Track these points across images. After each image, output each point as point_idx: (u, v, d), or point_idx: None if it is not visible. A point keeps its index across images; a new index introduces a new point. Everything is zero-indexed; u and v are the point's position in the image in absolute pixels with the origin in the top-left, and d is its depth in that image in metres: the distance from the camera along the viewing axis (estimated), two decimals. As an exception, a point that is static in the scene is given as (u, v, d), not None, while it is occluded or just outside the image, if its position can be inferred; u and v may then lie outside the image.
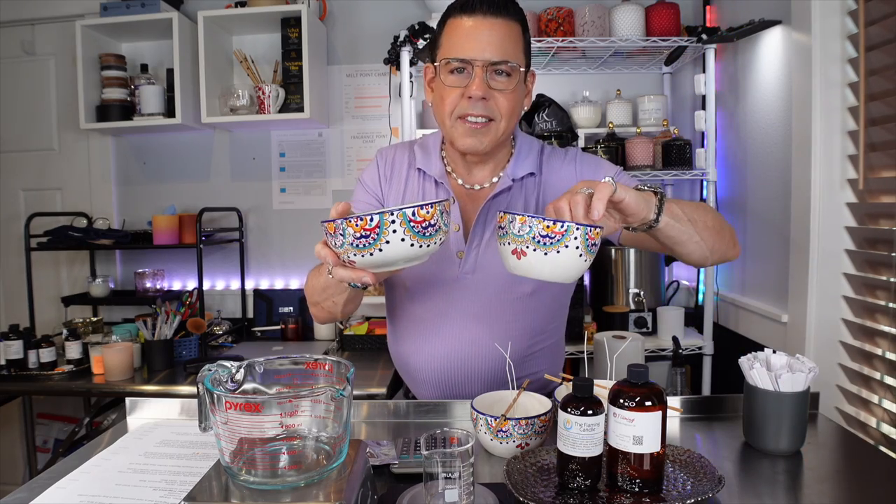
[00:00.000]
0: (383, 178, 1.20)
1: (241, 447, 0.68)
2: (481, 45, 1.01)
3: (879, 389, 1.40)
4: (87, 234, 2.35)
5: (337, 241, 0.78)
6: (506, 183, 1.13)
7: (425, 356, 1.19)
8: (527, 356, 1.19)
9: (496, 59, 1.02)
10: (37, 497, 0.84)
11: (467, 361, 1.17)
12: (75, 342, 2.10)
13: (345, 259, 0.80)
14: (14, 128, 2.66)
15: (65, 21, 2.54)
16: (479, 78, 1.01)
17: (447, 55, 1.04)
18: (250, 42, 2.53)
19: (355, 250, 0.76)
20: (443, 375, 1.19)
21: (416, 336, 1.20)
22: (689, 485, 0.81)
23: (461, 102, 1.04)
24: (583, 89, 2.37)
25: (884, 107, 1.39)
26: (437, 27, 1.09)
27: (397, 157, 1.21)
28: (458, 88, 1.03)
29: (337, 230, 0.77)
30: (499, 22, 1.02)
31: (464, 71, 1.03)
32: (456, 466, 0.70)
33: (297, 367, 0.78)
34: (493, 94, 1.03)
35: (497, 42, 1.02)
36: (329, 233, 0.79)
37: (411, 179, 1.19)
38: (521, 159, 1.16)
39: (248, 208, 2.62)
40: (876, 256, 1.44)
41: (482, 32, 1.01)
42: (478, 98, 1.02)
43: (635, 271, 2.23)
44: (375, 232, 0.75)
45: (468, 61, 1.02)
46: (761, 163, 1.91)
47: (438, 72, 1.06)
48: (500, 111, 1.05)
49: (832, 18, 1.52)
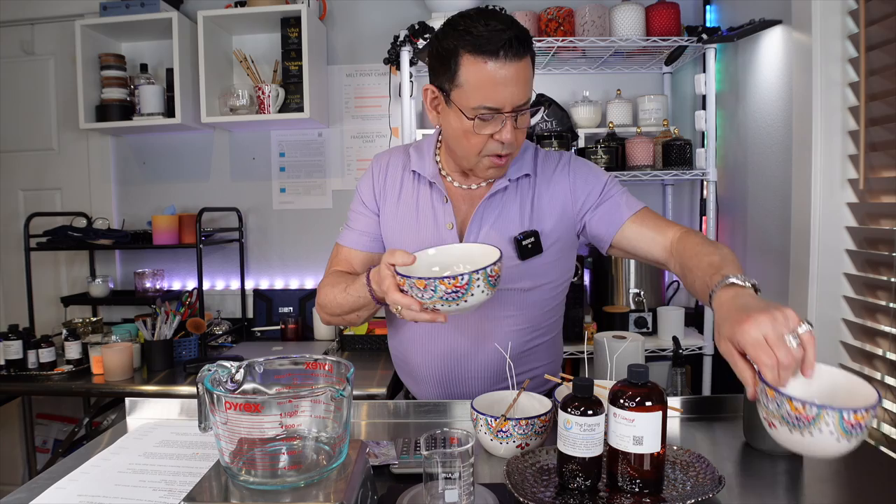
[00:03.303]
0: (378, 186, 1.23)
1: (241, 447, 0.68)
2: (509, 91, 1.01)
3: (880, 389, 1.40)
4: (86, 234, 2.35)
5: (426, 295, 0.89)
6: (502, 183, 1.16)
7: (425, 354, 1.21)
8: (525, 352, 1.20)
9: (523, 104, 1.04)
10: (36, 497, 0.84)
11: (466, 358, 1.18)
12: (75, 342, 2.10)
13: (429, 307, 0.91)
14: (13, 128, 2.66)
15: (64, 21, 2.54)
16: (510, 125, 1.04)
17: (476, 102, 1.02)
18: (250, 42, 2.52)
19: (444, 302, 0.89)
20: (443, 373, 1.20)
21: (415, 335, 1.22)
22: (689, 485, 0.81)
23: (489, 143, 1.06)
24: (583, 89, 2.37)
25: (884, 106, 1.39)
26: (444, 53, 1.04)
27: (391, 162, 1.25)
28: (487, 134, 1.05)
29: (428, 286, 0.88)
30: (523, 63, 1.02)
31: (492, 118, 1.03)
32: (456, 466, 0.70)
33: (297, 368, 0.78)
34: (516, 131, 1.06)
35: (522, 86, 1.03)
36: (418, 287, 0.89)
37: (406, 182, 1.22)
38: (517, 162, 1.18)
39: (247, 208, 2.62)
40: (876, 256, 1.43)
41: (509, 79, 1.00)
42: (510, 142, 1.05)
43: (635, 271, 2.23)
44: (464, 289, 0.88)
45: (499, 110, 1.02)
46: (761, 163, 1.91)
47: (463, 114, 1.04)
48: (519, 143, 1.10)
49: (832, 18, 1.52)
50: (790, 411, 0.67)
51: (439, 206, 1.18)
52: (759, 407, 0.72)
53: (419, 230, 1.18)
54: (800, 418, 0.66)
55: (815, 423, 0.66)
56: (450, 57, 1.03)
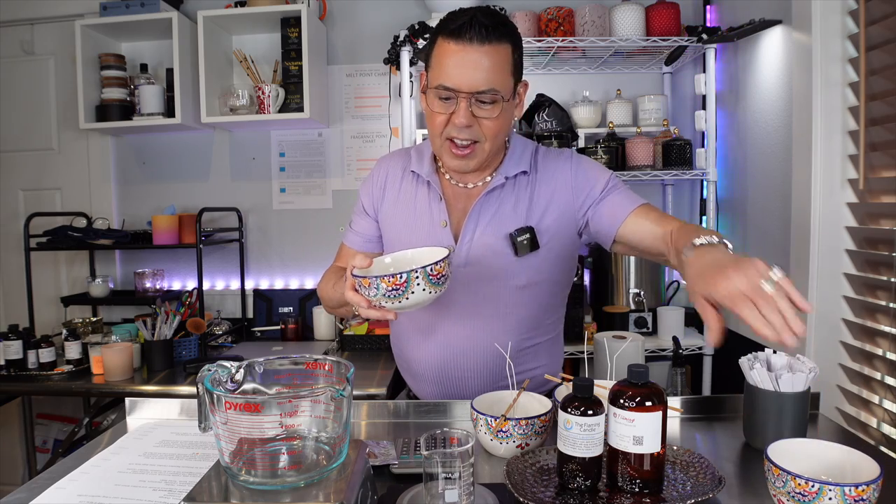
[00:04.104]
0: (377, 190, 1.26)
1: (241, 447, 0.68)
2: (467, 74, 1.03)
3: (880, 389, 1.40)
4: (86, 234, 2.35)
5: (371, 293, 0.93)
6: (499, 181, 1.17)
7: (424, 352, 1.22)
8: (523, 350, 1.20)
9: (480, 90, 1.04)
10: (36, 497, 0.84)
11: (464, 355, 1.19)
12: (75, 342, 2.10)
13: (376, 304, 0.95)
14: (13, 127, 2.66)
15: (64, 21, 2.54)
16: (463, 108, 1.05)
17: (435, 81, 1.06)
18: (250, 42, 2.52)
19: (387, 299, 0.93)
20: (441, 370, 1.21)
21: (413, 333, 1.23)
22: (689, 485, 0.81)
23: (448, 126, 1.08)
24: (583, 89, 2.37)
25: (884, 106, 1.39)
26: (430, 39, 1.11)
27: (392, 164, 1.28)
28: (446, 114, 1.07)
29: (372, 284, 0.92)
30: (486, 48, 1.03)
31: (449, 98, 1.06)
32: (456, 466, 0.70)
33: (297, 368, 0.78)
34: (477, 120, 1.07)
35: (483, 71, 1.03)
36: (364, 286, 0.93)
37: (405, 182, 1.24)
38: (514, 159, 1.19)
39: (247, 208, 2.62)
40: (876, 256, 1.43)
41: (469, 61, 1.03)
42: (462, 126, 1.06)
43: (635, 271, 2.23)
44: (403, 286, 0.91)
45: (454, 90, 1.04)
46: (761, 163, 1.91)
47: (428, 94, 1.10)
48: (484, 134, 1.09)
49: (833, 18, 1.52)
50: (795, 488, 0.72)
51: (434, 204, 1.19)
52: (769, 486, 0.77)
53: (415, 229, 1.19)
54: (804, 494, 0.71)
55: (817, 500, 0.71)
56: (431, 43, 1.09)
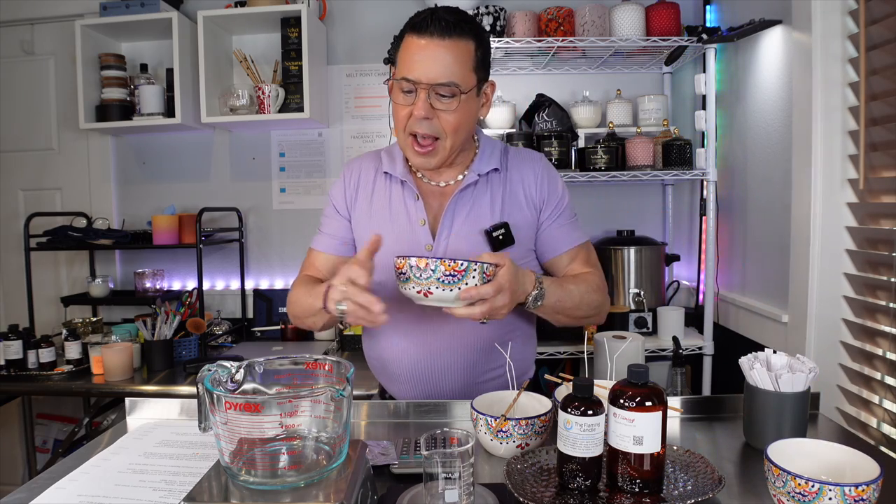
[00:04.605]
0: (349, 192, 1.26)
1: (241, 447, 0.68)
2: (426, 66, 1.07)
3: (880, 389, 1.40)
4: (86, 234, 2.35)
5: (424, 274, 0.94)
6: (472, 178, 1.20)
7: (401, 353, 1.21)
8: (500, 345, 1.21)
9: (439, 82, 1.07)
10: (36, 497, 0.84)
11: (443, 354, 1.19)
12: (75, 342, 2.10)
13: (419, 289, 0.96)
14: (13, 128, 2.66)
15: (64, 21, 2.54)
16: (422, 100, 1.08)
17: (398, 74, 1.10)
18: (250, 42, 2.52)
19: (440, 284, 0.94)
20: (420, 370, 1.21)
21: (391, 335, 1.22)
22: (690, 485, 0.81)
23: (410, 119, 1.11)
24: (583, 89, 2.37)
25: (884, 106, 1.39)
26: (398, 37, 1.14)
27: (363, 167, 1.28)
28: (408, 107, 1.10)
29: (429, 266, 0.93)
30: (447, 43, 1.07)
31: (411, 91, 1.09)
32: (456, 466, 0.70)
33: (297, 368, 0.78)
34: (437, 113, 1.10)
35: (443, 64, 1.07)
36: (418, 266, 0.94)
37: (378, 184, 1.25)
38: (485, 157, 1.23)
39: (247, 208, 2.62)
40: (876, 256, 1.43)
41: (429, 54, 1.07)
42: (421, 117, 1.09)
43: (636, 271, 2.23)
44: (461, 274, 0.94)
45: (414, 82, 1.08)
46: (761, 163, 1.91)
47: (393, 88, 1.12)
48: (444, 129, 1.11)
49: (833, 18, 1.52)
50: (795, 488, 0.72)
51: (411, 203, 1.20)
52: (769, 486, 0.77)
53: (393, 228, 1.20)
54: (804, 494, 0.71)
55: (817, 499, 0.71)
56: (399, 39, 1.13)
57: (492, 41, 2.11)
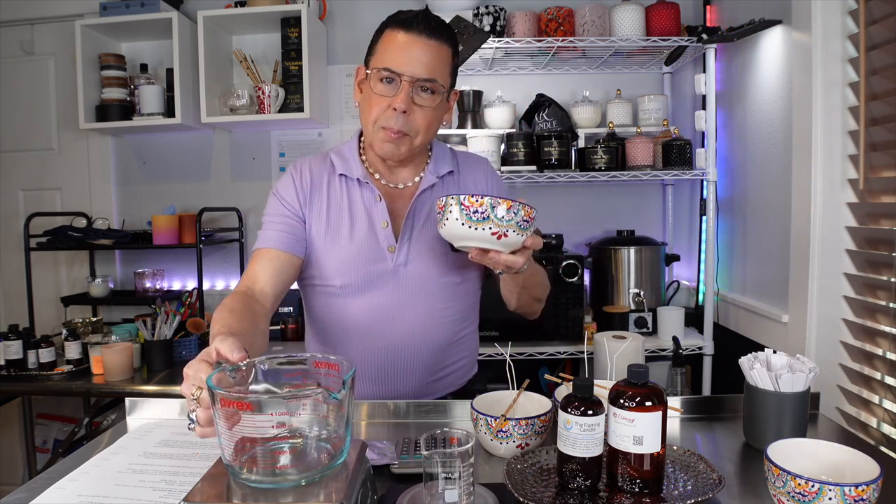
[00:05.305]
0: (301, 191, 1.21)
1: (243, 445, 0.68)
2: (412, 60, 1.08)
3: (880, 390, 1.40)
4: (86, 234, 2.35)
5: (507, 217, 0.91)
6: (431, 180, 1.21)
7: (362, 353, 1.20)
8: (454, 342, 1.25)
9: (424, 77, 1.09)
10: (36, 497, 0.84)
11: (405, 353, 1.20)
12: (75, 342, 2.10)
13: (497, 232, 0.92)
14: (13, 128, 2.66)
15: (64, 21, 2.54)
16: (405, 92, 1.08)
17: (379, 64, 1.10)
18: (250, 42, 2.53)
19: (517, 228, 0.92)
20: (381, 370, 1.21)
21: (352, 336, 1.21)
22: (690, 485, 0.81)
23: (385, 113, 1.10)
24: (583, 89, 2.37)
25: (884, 106, 1.39)
26: (374, 34, 1.15)
27: (314, 168, 1.23)
28: (385, 99, 1.10)
29: (512, 208, 0.91)
30: (433, 43, 1.09)
31: (392, 82, 1.09)
32: (456, 466, 0.70)
33: (300, 367, 0.78)
34: (414, 108, 1.10)
35: (427, 61, 1.09)
36: (504, 208, 0.91)
37: (333, 186, 1.22)
38: (440, 159, 1.25)
39: (247, 208, 2.62)
40: (876, 256, 1.43)
41: (415, 49, 1.08)
42: (400, 111, 1.09)
43: (635, 271, 2.23)
44: (532, 223, 0.94)
45: (398, 74, 1.08)
46: (761, 163, 1.91)
47: (369, 78, 1.12)
48: (416, 127, 1.12)
49: (833, 18, 1.52)
50: (795, 487, 0.72)
51: (372, 205, 1.19)
52: (769, 486, 0.77)
53: (354, 231, 1.18)
54: (804, 494, 0.72)
55: (817, 499, 0.71)
56: (378, 34, 1.14)
57: (492, 41, 2.11)
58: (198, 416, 0.75)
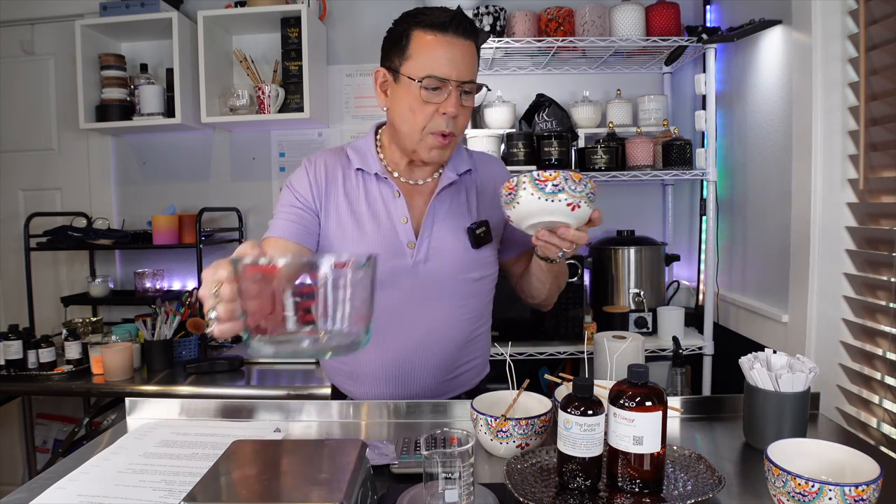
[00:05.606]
0: (315, 184, 1.20)
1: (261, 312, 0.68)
2: (457, 64, 1.08)
3: (880, 389, 1.40)
4: (86, 234, 2.35)
5: (579, 188, 0.93)
6: (451, 177, 1.21)
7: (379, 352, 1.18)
8: (470, 341, 1.24)
9: (468, 79, 1.10)
10: (36, 497, 0.84)
11: (422, 351, 1.19)
12: (75, 342, 2.10)
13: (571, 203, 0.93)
14: (13, 128, 2.66)
15: (64, 21, 2.54)
16: (455, 97, 1.09)
17: (422, 72, 1.07)
18: (250, 42, 2.52)
19: (587, 200, 0.95)
20: (399, 368, 1.20)
21: None
22: (690, 485, 0.81)
23: (435, 118, 1.10)
24: (583, 89, 2.37)
25: (884, 106, 1.39)
26: (396, 34, 1.11)
27: (329, 163, 1.22)
28: (432, 105, 1.09)
29: (582, 180, 0.94)
30: (469, 44, 1.10)
31: (438, 88, 1.08)
32: (456, 466, 0.70)
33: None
34: (460, 111, 1.11)
35: (469, 62, 1.10)
36: (574, 180, 0.93)
37: (349, 180, 1.21)
38: (457, 158, 1.24)
39: (248, 208, 2.62)
40: (876, 256, 1.43)
41: (456, 52, 1.08)
42: (451, 116, 1.09)
43: (635, 271, 2.23)
44: (595, 196, 0.96)
45: (446, 80, 1.07)
46: (761, 163, 1.91)
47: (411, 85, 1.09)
48: (460, 128, 1.14)
49: (832, 18, 1.52)
50: (795, 488, 0.72)
51: (391, 201, 1.18)
52: (769, 486, 0.77)
53: (373, 226, 1.17)
54: (804, 493, 0.71)
55: (818, 498, 0.71)
56: (402, 35, 1.10)
57: (492, 41, 2.11)
58: (218, 312, 0.74)
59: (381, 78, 1.15)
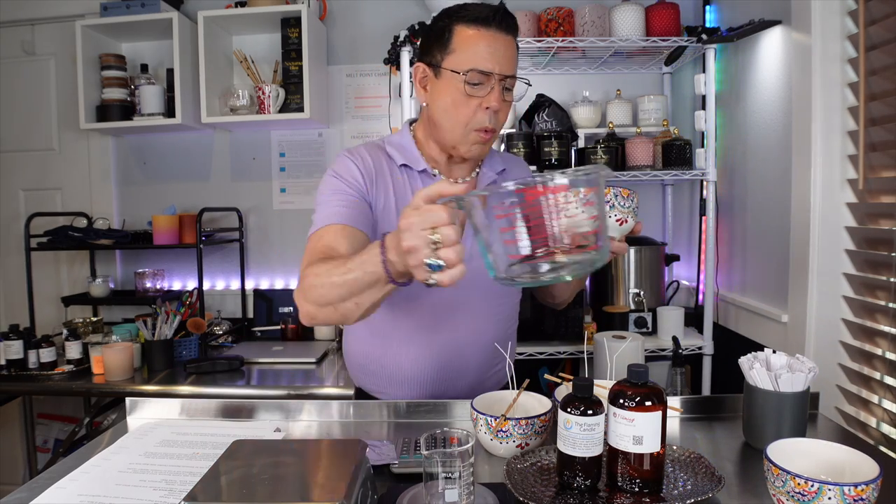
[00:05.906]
0: (366, 174, 1.15)
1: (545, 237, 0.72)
2: (500, 58, 1.07)
3: (879, 389, 1.40)
4: (87, 234, 2.35)
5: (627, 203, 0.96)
6: (491, 176, 1.23)
7: (426, 351, 1.19)
8: (503, 339, 1.25)
9: (511, 74, 1.09)
10: (37, 497, 0.84)
11: (464, 351, 1.20)
12: (75, 342, 2.10)
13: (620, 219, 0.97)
14: (14, 128, 2.66)
15: (65, 21, 2.54)
16: (498, 91, 1.08)
17: (465, 66, 1.07)
18: (250, 42, 2.53)
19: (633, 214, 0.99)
20: (440, 370, 1.20)
21: (413, 333, 1.19)
22: (689, 485, 0.81)
23: (478, 113, 1.09)
24: (583, 89, 2.37)
25: (884, 107, 1.39)
26: (438, 29, 1.11)
27: (372, 156, 1.18)
28: (476, 99, 1.08)
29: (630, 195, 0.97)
30: (510, 39, 1.10)
31: (481, 83, 1.07)
32: (456, 466, 0.70)
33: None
34: (502, 106, 1.11)
35: (510, 57, 1.09)
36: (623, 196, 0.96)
37: (395, 176, 1.18)
38: (490, 157, 1.26)
39: (248, 208, 2.62)
40: (876, 256, 1.44)
41: (499, 46, 1.07)
42: (494, 110, 1.09)
43: (635, 271, 2.23)
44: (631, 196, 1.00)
45: (490, 74, 1.07)
46: (761, 163, 1.91)
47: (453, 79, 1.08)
48: (500, 123, 1.13)
49: (832, 18, 1.52)
50: (794, 487, 0.72)
51: None
52: (768, 485, 0.77)
53: None
54: (803, 493, 0.72)
55: (817, 499, 0.71)
56: (444, 30, 1.09)
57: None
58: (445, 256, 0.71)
59: (421, 73, 1.14)
